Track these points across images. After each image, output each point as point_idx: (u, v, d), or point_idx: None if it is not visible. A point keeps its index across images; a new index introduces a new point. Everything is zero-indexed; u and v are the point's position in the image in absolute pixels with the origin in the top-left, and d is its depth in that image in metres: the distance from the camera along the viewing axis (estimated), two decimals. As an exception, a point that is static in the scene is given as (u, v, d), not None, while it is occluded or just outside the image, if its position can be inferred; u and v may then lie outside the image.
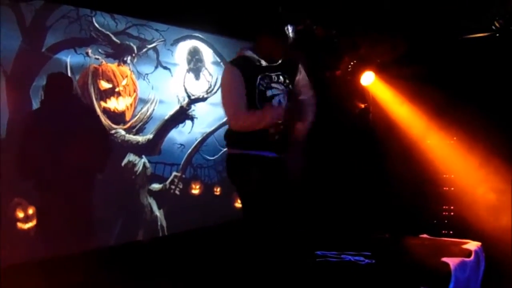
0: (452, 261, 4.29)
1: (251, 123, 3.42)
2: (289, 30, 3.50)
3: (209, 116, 5.83)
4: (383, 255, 4.59)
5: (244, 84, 3.44)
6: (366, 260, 4.45)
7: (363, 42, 5.98)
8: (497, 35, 5.73)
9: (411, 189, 6.08)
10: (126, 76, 4.94)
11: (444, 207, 6.02)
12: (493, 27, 5.71)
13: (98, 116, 4.74)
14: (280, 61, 3.60)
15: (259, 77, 3.49)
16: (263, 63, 3.55)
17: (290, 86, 3.63)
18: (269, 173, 3.53)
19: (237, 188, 3.69)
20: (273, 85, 3.54)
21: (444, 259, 4.35)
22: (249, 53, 3.55)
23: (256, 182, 3.48)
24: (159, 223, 5.22)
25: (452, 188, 5.97)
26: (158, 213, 5.21)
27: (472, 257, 4.54)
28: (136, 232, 5.02)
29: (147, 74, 5.14)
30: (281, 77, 3.59)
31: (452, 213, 5.98)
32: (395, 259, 4.53)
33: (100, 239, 4.68)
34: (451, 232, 5.87)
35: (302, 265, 3.94)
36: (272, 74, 3.55)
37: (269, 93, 3.50)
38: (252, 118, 3.41)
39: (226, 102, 3.51)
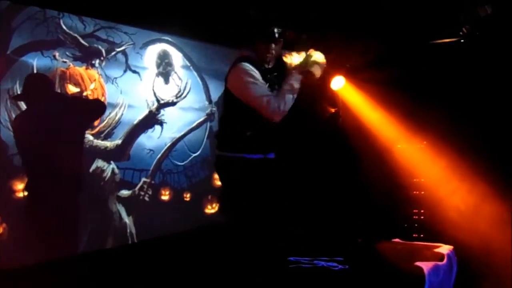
0: (425, 266, 4.31)
1: (288, 101, 3.41)
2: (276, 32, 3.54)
3: (179, 121, 5.72)
4: (356, 260, 4.57)
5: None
6: (340, 266, 4.42)
7: (334, 46, 5.96)
8: (462, 40, 5.81)
9: (382, 193, 6.08)
10: (94, 80, 4.81)
11: (414, 211, 6.03)
12: (461, 33, 5.80)
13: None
14: (274, 64, 3.66)
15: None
16: (265, 65, 3.60)
17: None
18: (261, 175, 3.57)
19: (228, 191, 3.70)
20: (275, 87, 3.58)
21: (418, 263, 4.36)
22: (251, 55, 3.57)
23: (249, 186, 3.52)
24: (128, 230, 5.10)
25: (422, 192, 5.99)
26: (127, 220, 5.08)
27: (445, 261, 4.57)
28: (105, 240, 4.89)
29: (115, 78, 5.01)
30: (278, 78, 3.64)
31: (422, 217, 6.00)
32: (368, 265, 4.52)
33: (68, 247, 4.54)
34: (421, 235, 5.89)
35: (275, 271, 3.87)
36: (271, 77, 3.60)
37: None
38: (284, 97, 3.40)
39: (255, 98, 3.42)
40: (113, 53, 4.97)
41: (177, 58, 5.70)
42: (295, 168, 5.90)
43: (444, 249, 4.82)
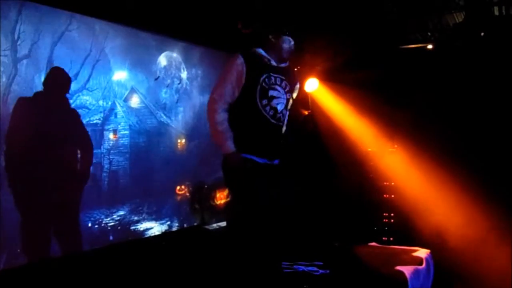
0: (406, 270, 4.32)
1: (214, 127, 3.43)
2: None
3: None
4: (336, 264, 4.53)
5: (243, 78, 3.42)
6: (321, 271, 4.37)
7: (307, 48, 5.94)
8: (429, 46, 5.92)
9: (355, 197, 6.11)
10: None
11: (384, 214, 6.08)
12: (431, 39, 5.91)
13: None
14: (285, 65, 3.66)
15: (265, 75, 3.50)
16: (273, 62, 3.58)
17: (288, 95, 3.64)
18: (263, 178, 3.51)
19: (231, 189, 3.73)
20: (276, 87, 3.55)
21: (399, 267, 4.36)
22: (259, 51, 3.57)
23: (252, 185, 3.46)
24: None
25: (393, 196, 6.04)
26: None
27: (424, 265, 4.60)
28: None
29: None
30: (283, 82, 3.60)
31: (392, 220, 6.05)
32: (349, 269, 4.48)
33: (41, 251, 4.32)
34: (391, 238, 5.95)
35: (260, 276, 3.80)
36: (277, 76, 3.57)
37: (271, 93, 3.51)
38: (218, 128, 3.41)
39: (216, 85, 3.51)
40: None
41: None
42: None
43: (422, 253, 4.84)
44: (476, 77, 5.68)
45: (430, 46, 5.92)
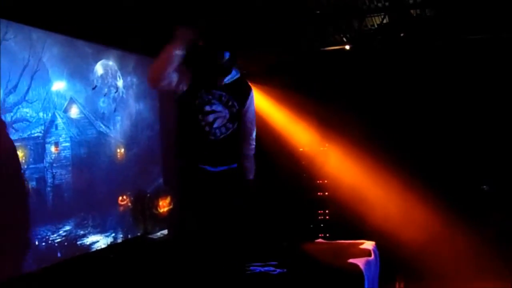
0: (360, 262, 4.51)
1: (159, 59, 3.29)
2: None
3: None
4: (290, 263, 4.62)
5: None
6: (278, 270, 4.45)
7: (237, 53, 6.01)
8: (347, 47, 6.20)
9: (290, 197, 6.26)
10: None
11: (319, 211, 6.27)
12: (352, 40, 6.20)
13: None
14: (228, 82, 3.54)
15: (203, 90, 3.43)
16: (214, 78, 3.50)
17: (234, 109, 3.54)
18: (213, 186, 3.49)
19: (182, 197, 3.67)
20: (214, 101, 3.46)
21: (351, 260, 4.53)
22: (199, 67, 3.48)
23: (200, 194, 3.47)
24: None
25: (327, 193, 6.25)
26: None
27: (372, 256, 4.81)
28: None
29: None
30: (224, 98, 3.50)
31: (327, 217, 6.26)
32: (305, 266, 4.59)
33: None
34: (327, 234, 6.14)
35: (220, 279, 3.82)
36: (217, 92, 3.48)
37: (207, 108, 3.44)
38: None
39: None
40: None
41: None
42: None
43: (369, 245, 5.06)
44: (398, 74, 6.04)
45: (347, 47, 6.21)
